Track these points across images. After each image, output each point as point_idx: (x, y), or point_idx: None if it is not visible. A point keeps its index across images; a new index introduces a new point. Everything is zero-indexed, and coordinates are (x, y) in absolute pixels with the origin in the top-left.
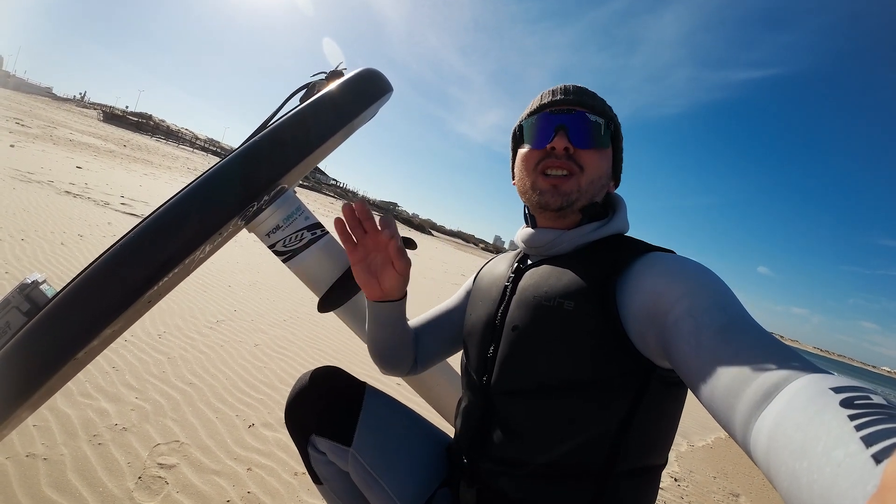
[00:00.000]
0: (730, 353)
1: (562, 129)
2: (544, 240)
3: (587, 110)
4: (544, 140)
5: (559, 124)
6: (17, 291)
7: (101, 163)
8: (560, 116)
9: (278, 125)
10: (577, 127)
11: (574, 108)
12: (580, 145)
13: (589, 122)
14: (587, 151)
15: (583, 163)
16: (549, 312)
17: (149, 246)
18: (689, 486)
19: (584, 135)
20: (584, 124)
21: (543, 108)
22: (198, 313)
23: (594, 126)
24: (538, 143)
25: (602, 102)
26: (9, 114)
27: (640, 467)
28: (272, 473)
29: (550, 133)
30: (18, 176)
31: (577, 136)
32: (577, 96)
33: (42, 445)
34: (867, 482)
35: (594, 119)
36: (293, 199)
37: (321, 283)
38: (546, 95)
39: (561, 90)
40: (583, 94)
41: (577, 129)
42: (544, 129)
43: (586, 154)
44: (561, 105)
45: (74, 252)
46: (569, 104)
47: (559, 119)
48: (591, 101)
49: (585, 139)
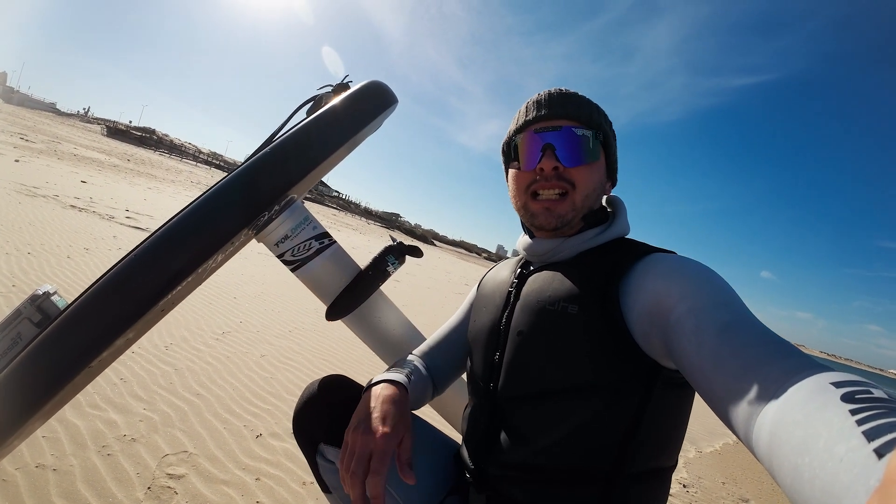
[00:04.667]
0: (731, 350)
1: (549, 149)
2: (545, 248)
3: (573, 123)
4: (532, 161)
5: (545, 143)
6: (29, 302)
7: (106, 177)
8: (546, 135)
9: (287, 137)
10: (564, 145)
11: (560, 125)
12: (569, 164)
13: (576, 138)
14: (578, 168)
15: (574, 180)
16: (553, 317)
17: (162, 256)
18: (697, 493)
19: (573, 152)
20: (571, 141)
21: (528, 126)
22: (204, 325)
23: (582, 141)
24: (527, 165)
25: (589, 109)
26: (13, 129)
27: (650, 469)
28: (280, 483)
29: (538, 154)
30: (24, 190)
31: (566, 155)
32: (562, 108)
33: (51, 456)
34: (869, 477)
35: (581, 133)
36: (301, 210)
37: (329, 291)
38: (531, 109)
39: (545, 102)
40: (567, 105)
41: (565, 147)
42: (531, 150)
43: (577, 171)
44: (546, 121)
45: (81, 265)
46: (555, 118)
47: (545, 138)
48: (577, 110)
49: (574, 156)
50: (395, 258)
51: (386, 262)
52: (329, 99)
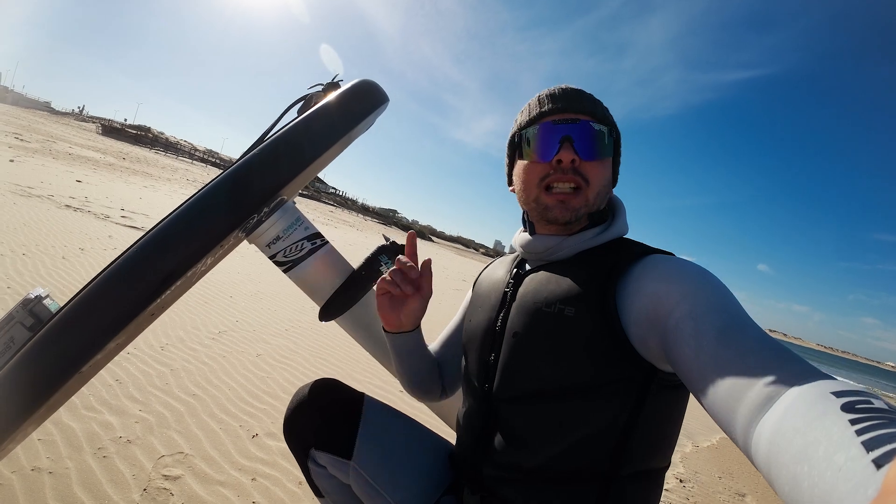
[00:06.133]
0: (730, 356)
1: (567, 141)
2: (544, 246)
3: (591, 118)
4: (549, 152)
5: (565, 135)
6: (21, 307)
7: (101, 176)
8: (565, 126)
9: (276, 137)
10: (583, 138)
11: (578, 118)
12: (587, 157)
13: (594, 132)
14: (592, 163)
15: (588, 175)
16: (549, 319)
17: (151, 260)
18: (694, 487)
19: (591, 146)
20: (590, 134)
21: (545, 116)
22: (200, 325)
23: (599, 136)
24: (543, 156)
25: (602, 107)
26: (8, 129)
27: (644, 470)
28: (276, 483)
29: (555, 145)
30: (18, 191)
31: (584, 148)
32: (580, 103)
33: (47, 459)
34: (868, 487)
35: (598, 128)
36: (293, 210)
37: (322, 292)
38: (546, 101)
39: (562, 95)
40: (584, 100)
41: (584, 140)
42: (548, 141)
43: (591, 166)
44: (564, 113)
45: (76, 266)
46: (573, 112)
47: (564, 129)
48: (593, 107)
49: (592, 150)
50: (387, 258)
51: (379, 262)
52: (319, 98)
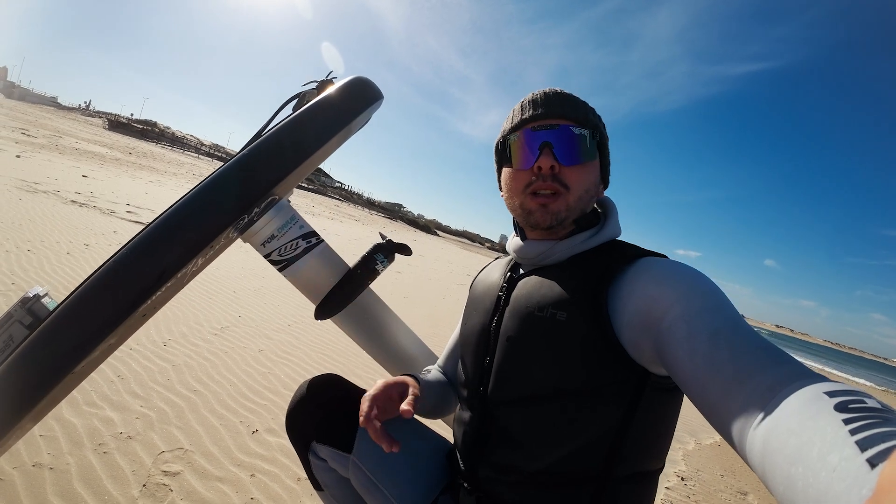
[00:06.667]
0: (724, 358)
1: (546, 147)
2: (536, 251)
3: (571, 123)
4: (529, 159)
5: (543, 141)
6: (20, 305)
7: (107, 171)
8: (543, 133)
9: (268, 137)
10: (562, 143)
11: (557, 123)
12: (567, 162)
13: (574, 137)
14: (573, 168)
15: (568, 181)
16: (542, 323)
17: (140, 261)
18: (696, 486)
19: (570, 151)
20: (569, 139)
21: (525, 124)
22: (203, 320)
23: (579, 140)
24: (523, 163)
25: (585, 109)
26: (14, 124)
27: (637, 472)
28: (275, 479)
29: (535, 151)
30: (24, 186)
31: (563, 153)
32: (560, 107)
33: (48, 455)
34: (862, 486)
35: (579, 132)
36: (287, 209)
37: (317, 290)
38: (526, 107)
39: (542, 101)
40: (564, 104)
41: (563, 146)
42: (528, 148)
43: (572, 171)
44: (543, 120)
45: (80, 262)
46: (553, 117)
47: (543, 136)
48: (574, 111)
49: (571, 155)
50: (384, 256)
51: (375, 261)
52: (313, 96)
